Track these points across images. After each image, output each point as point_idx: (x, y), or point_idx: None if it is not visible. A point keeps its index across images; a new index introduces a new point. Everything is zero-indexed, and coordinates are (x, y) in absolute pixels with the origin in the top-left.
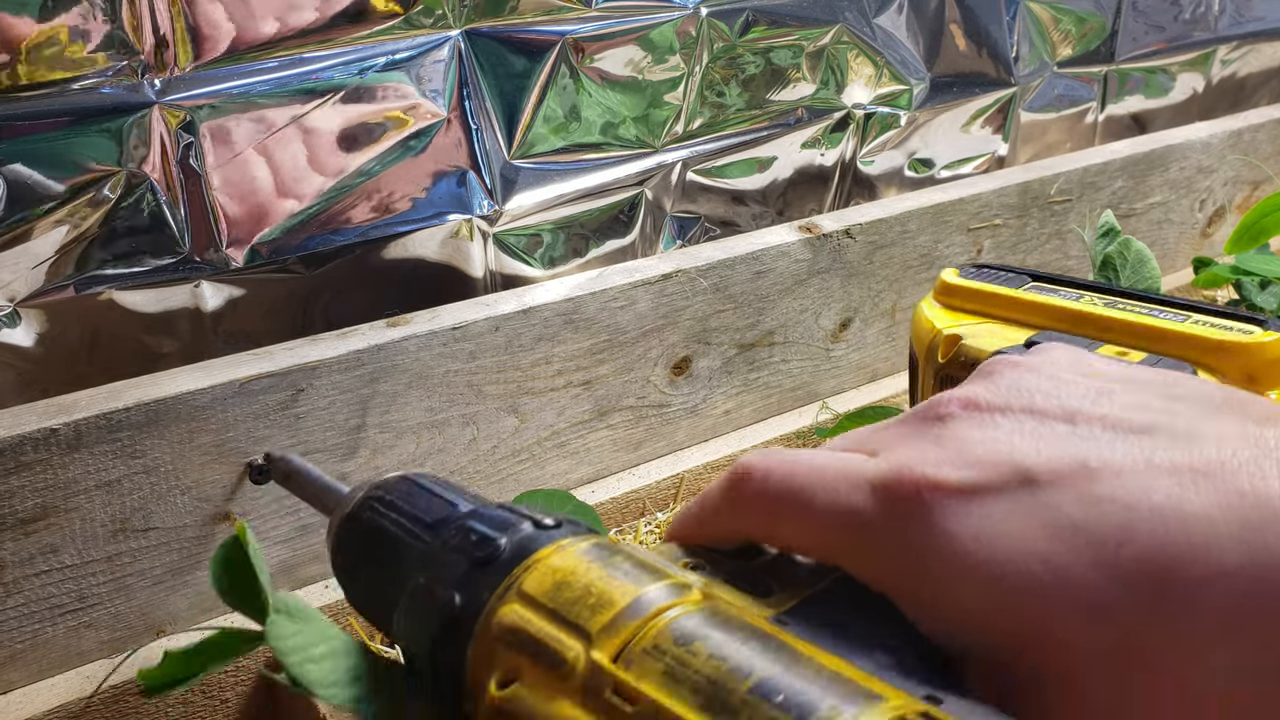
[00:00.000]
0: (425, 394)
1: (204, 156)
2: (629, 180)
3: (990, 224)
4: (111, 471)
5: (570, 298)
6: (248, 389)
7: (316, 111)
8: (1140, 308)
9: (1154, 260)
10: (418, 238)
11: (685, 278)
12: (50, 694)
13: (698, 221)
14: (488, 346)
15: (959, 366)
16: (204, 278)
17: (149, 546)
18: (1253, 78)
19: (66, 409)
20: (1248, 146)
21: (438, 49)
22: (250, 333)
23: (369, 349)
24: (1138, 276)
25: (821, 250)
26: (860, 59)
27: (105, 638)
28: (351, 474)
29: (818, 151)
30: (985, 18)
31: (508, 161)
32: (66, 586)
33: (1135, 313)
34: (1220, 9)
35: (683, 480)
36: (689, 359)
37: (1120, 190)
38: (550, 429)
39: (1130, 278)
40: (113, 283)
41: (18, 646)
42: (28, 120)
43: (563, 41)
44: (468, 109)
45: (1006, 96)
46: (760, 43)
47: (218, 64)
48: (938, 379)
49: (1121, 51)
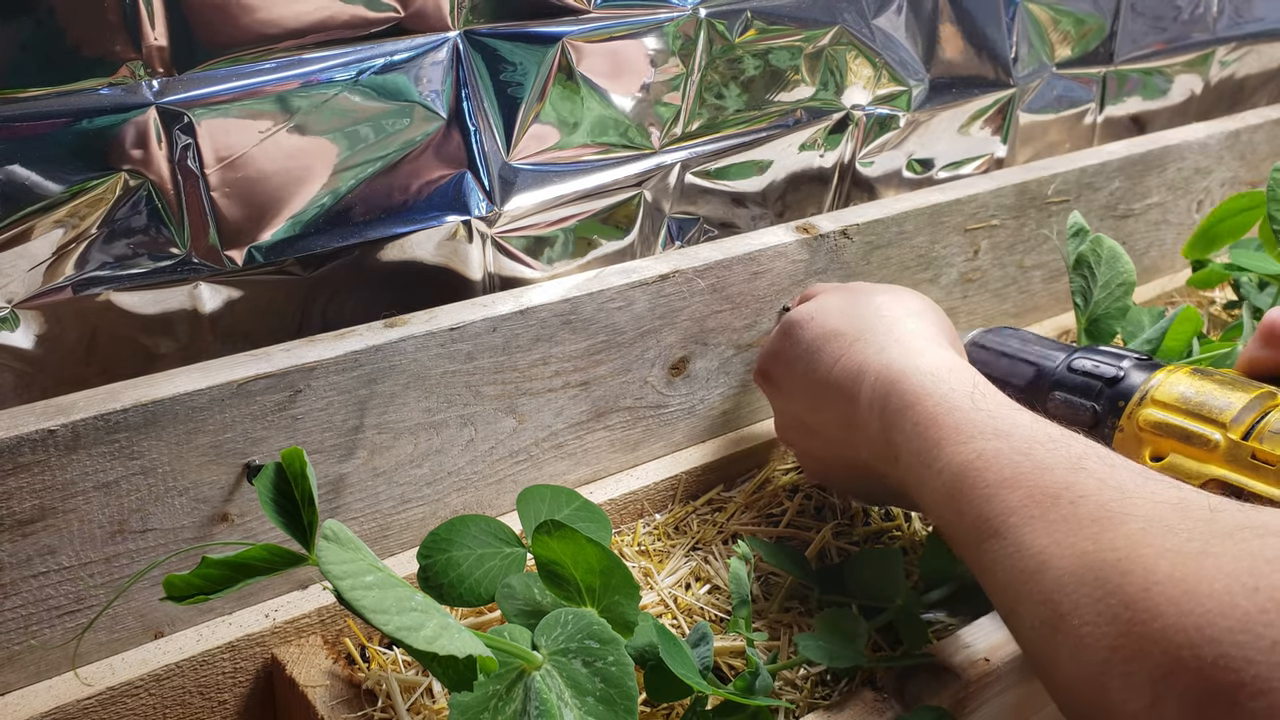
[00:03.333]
0: (423, 395)
1: (202, 158)
2: (627, 181)
3: (987, 224)
4: (109, 473)
5: (568, 298)
6: (245, 390)
7: (315, 113)
8: None
9: (1126, 256)
10: (416, 239)
11: (683, 278)
12: (48, 695)
13: (696, 223)
14: (485, 347)
15: None
16: (202, 279)
17: (147, 548)
18: (1251, 79)
19: (64, 410)
20: (1245, 147)
21: (436, 50)
22: (248, 334)
23: (366, 350)
24: (1112, 271)
25: (819, 251)
26: (859, 60)
27: (103, 639)
28: (348, 475)
29: (816, 153)
30: (984, 19)
31: (506, 163)
32: (64, 588)
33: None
34: (1219, 10)
35: (681, 481)
36: (687, 359)
37: (1117, 191)
38: (548, 430)
39: (1105, 273)
40: (111, 284)
41: (15, 648)
42: (26, 121)
43: (562, 42)
44: (466, 110)
45: (1005, 98)
46: (759, 44)
47: (216, 65)
48: None
49: (1120, 53)
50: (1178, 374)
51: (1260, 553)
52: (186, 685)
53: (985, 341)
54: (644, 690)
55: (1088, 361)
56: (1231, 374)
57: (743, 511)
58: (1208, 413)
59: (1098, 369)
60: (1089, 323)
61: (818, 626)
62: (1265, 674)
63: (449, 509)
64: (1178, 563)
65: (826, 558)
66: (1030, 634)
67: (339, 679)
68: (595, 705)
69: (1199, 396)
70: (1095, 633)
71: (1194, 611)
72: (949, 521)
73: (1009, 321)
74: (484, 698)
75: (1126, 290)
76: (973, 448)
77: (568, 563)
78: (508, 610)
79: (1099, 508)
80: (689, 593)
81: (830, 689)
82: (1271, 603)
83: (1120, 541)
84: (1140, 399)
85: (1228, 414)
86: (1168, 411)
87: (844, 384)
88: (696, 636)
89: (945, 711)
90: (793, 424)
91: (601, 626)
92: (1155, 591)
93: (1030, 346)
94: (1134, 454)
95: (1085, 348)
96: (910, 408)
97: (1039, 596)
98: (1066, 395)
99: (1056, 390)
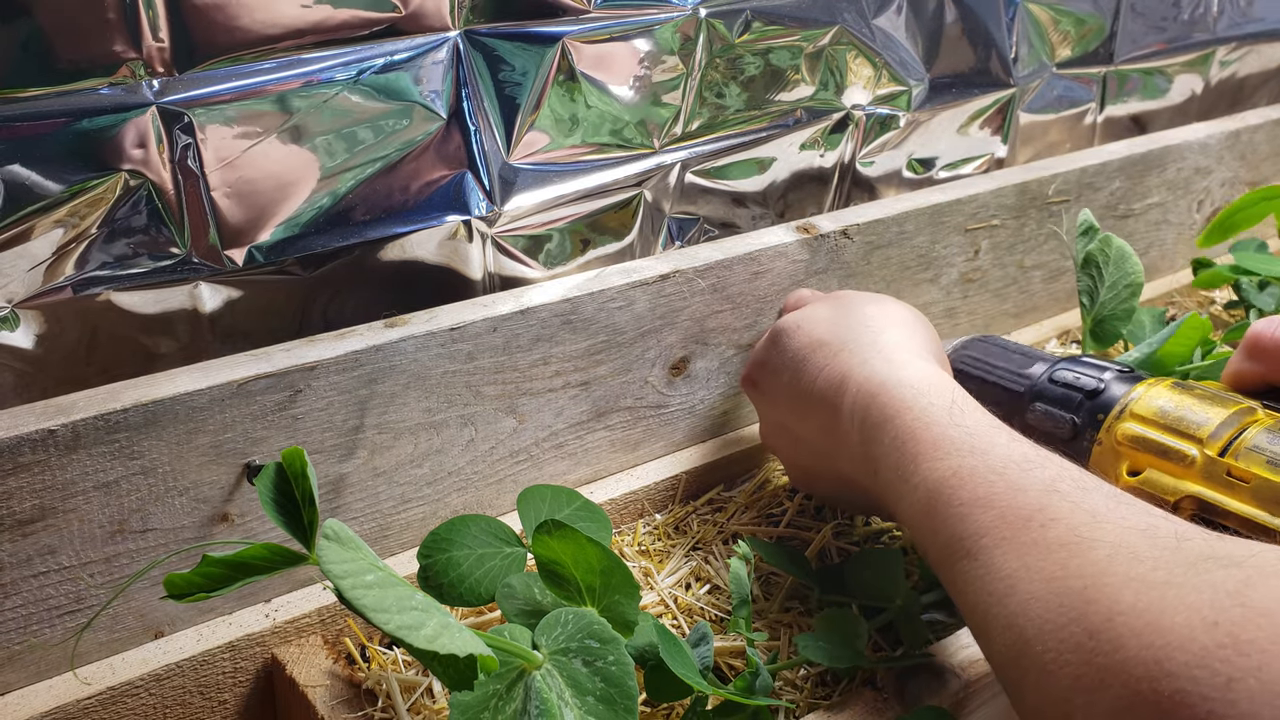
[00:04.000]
0: (423, 395)
1: (202, 157)
2: (628, 181)
3: (988, 224)
4: (109, 472)
5: (568, 298)
6: (245, 390)
7: (315, 113)
8: None
9: (1135, 256)
10: (416, 239)
11: (683, 278)
12: (48, 695)
13: (697, 223)
14: (486, 347)
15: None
16: (202, 279)
17: (147, 548)
18: (1252, 79)
19: (64, 410)
20: (1245, 147)
21: (436, 50)
22: (249, 334)
23: (367, 350)
24: (1120, 272)
25: (819, 250)
26: (859, 60)
27: (103, 639)
28: (348, 475)
29: (817, 153)
30: (984, 19)
31: (506, 163)
32: (64, 588)
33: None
34: (1219, 10)
35: (681, 481)
36: (687, 359)
37: (1118, 191)
38: (548, 430)
39: (1113, 273)
40: (111, 284)
41: (15, 648)
42: (26, 121)
43: (562, 42)
44: (466, 110)
45: (1006, 98)
46: (759, 44)
47: (216, 65)
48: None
49: (1120, 53)
50: (1158, 387)
51: (1222, 584)
52: (187, 685)
53: (968, 352)
54: (644, 690)
55: (1069, 373)
56: (1214, 388)
57: (743, 511)
58: (1185, 428)
59: (1078, 380)
60: (1094, 323)
61: (818, 626)
62: (1221, 711)
63: (449, 509)
64: (1141, 592)
65: (826, 558)
66: (998, 658)
67: (339, 679)
68: (595, 705)
69: (1177, 411)
70: (1059, 659)
71: (1155, 644)
72: (924, 538)
73: (1009, 322)
74: (484, 697)
75: (1134, 292)
76: (948, 464)
77: (568, 562)
78: (508, 610)
79: (1069, 532)
80: (689, 593)
81: (830, 689)
82: (1229, 638)
83: (1088, 569)
84: (1119, 412)
85: (1205, 429)
86: (1146, 426)
87: (827, 395)
88: (696, 636)
89: (945, 711)
90: (778, 431)
91: (602, 626)
92: (1119, 622)
93: (1012, 357)
94: (1112, 468)
95: (1068, 358)
96: (889, 421)
97: (1006, 620)
98: (1047, 407)
99: (1037, 402)
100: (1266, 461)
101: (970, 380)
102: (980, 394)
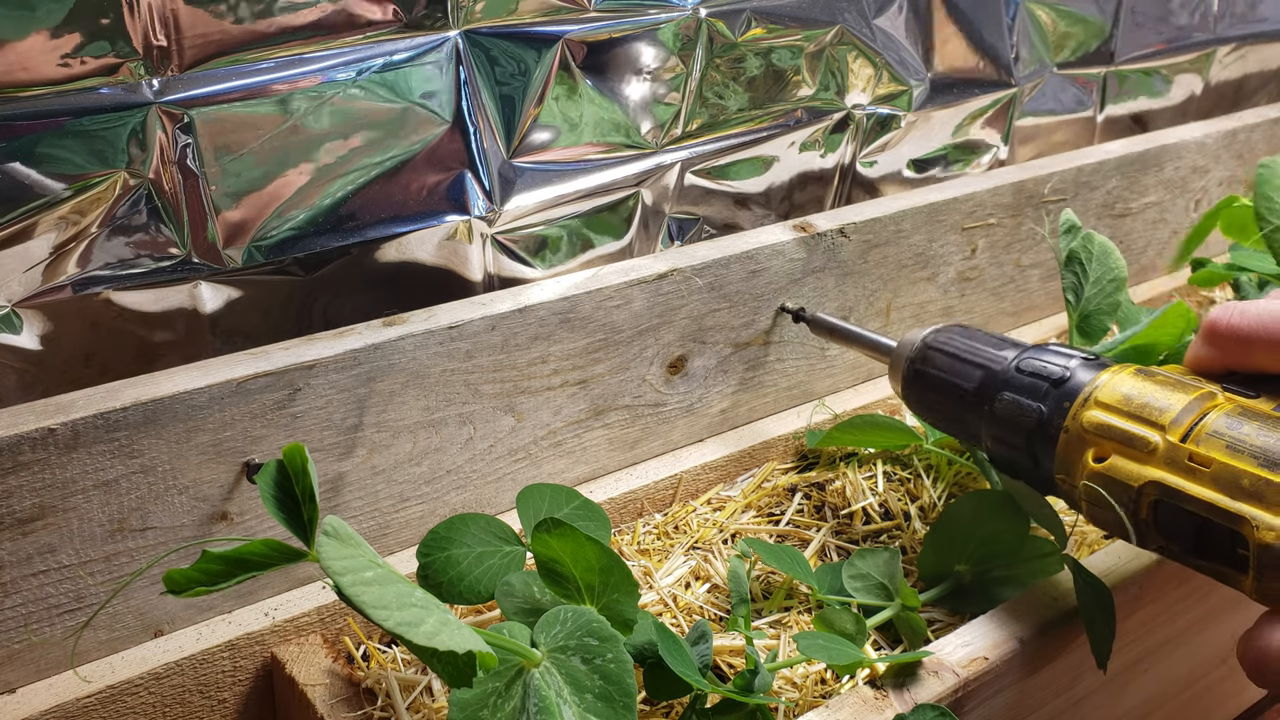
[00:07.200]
0: (422, 393)
1: (202, 157)
2: (627, 181)
3: (985, 223)
4: (109, 471)
5: (566, 297)
6: (245, 388)
7: (315, 113)
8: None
9: (1117, 252)
10: (416, 239)
11: (681, 277)
12: (48, 693)
13: (697, 223)
14: (484, 346)
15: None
16: (202, 278)
17: (147, 546)
18: (1252, 79)
19: (64, 409)
20: (1242, 146)
21: (436, 50)
22: (248, 334)
23: (365, 348)
24: (1104, 268)
25: (816, 249)
26: (860, 60)
27: (103, 638)
28: (347, 474)
29: (817, 153)
30: (985, 19)
31: (506, 162)
32: (64, 587)
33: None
34: (1219, 10)
35: (680, 480)
36: (685, 358)
37: (1115, 190)
38: (547, 428)
39: (1097, 269)
40: (111, 283)
41: (15, 647)
42: (25, 120)
43: (562, 42)
44: (466, 110)
45: (1006, 98)
46: (760, 44)
47: (216, 64)
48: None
49: (1121, 53)
50: (1122, 374)
51: None
52: (186, 684)
53: (934, 341)
54: (643, 688)
55: (1035, 361)
56: (1178, 373)
57: (743, 511)
58: (1148, 414)
59: (1045, 369)
60: (1080, 319)
61: (817, 626)
62: None
63: (448, 507)
64: None
65: (826, 558)
66: None
67: (338, 677)
68: (594, 702)
69: (1141, 397)
70: None
71: None
72: None
73: (1007, 321)
74: (483, 695)
75: (1118, 286)
76: None
77: (567, 561)
78: (507, 608)
79: None
80: (688, 591)
81: (830, 688)
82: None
83: None
84: (1085, 400)
85: (1168, 415)
86: (1110, 413)
87: None
88: (696, 635)
89: (945, 711)
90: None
91: (601, 624)
92: None
93: (979, 346)
94: (1078, 456)
95: (1035, 346)
96: None
97: None
98: (1014, 396)
99: (1005, 391)
100: (1226, 446)
101: (936, 371)
102: (947, 386)
